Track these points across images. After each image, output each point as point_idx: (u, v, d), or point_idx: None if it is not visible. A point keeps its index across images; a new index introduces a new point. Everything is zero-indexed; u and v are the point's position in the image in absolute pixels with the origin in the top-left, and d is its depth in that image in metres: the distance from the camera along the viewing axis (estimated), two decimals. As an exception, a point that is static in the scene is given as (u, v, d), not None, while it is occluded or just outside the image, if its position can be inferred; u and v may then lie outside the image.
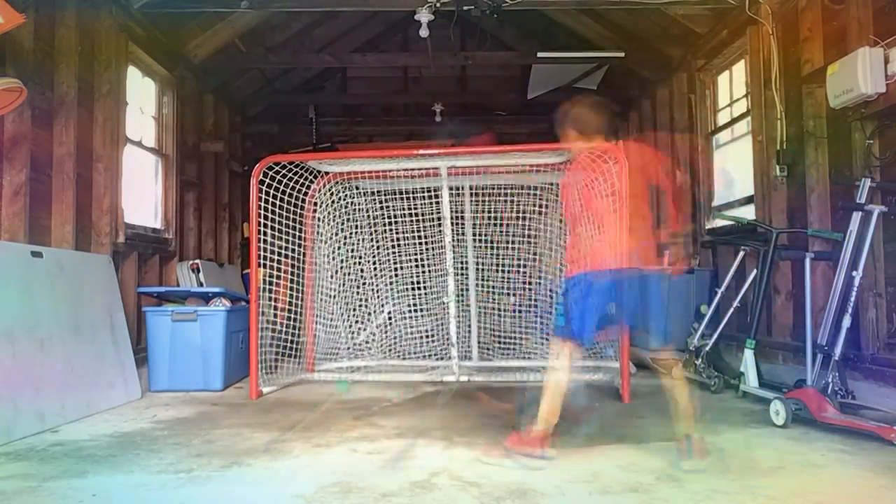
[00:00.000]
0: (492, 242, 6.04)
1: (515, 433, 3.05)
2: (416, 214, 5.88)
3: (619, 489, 2.56)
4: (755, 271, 4.59)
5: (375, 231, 6.23)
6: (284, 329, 5.37)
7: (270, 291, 5.34)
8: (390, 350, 6.04)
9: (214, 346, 4.93)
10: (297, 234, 5.49)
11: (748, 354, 4.29)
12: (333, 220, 5.90)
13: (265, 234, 5.07)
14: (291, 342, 5.41)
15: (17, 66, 3.97)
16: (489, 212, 5.96)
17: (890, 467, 2.83)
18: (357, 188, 6.04)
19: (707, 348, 4.93)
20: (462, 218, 5.98)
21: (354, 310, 6.09)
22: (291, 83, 9.06)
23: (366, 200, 6.16)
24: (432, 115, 9.15)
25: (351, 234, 6.08)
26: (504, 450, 2.98)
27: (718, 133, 6.31)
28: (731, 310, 4.83)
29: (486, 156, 5.39)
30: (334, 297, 5.89)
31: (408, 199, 5.89)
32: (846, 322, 3.64)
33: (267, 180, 5.00)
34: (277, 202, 5.14)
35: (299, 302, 5.55)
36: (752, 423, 3.67)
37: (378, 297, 6.24)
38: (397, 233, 6.07)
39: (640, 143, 3.35)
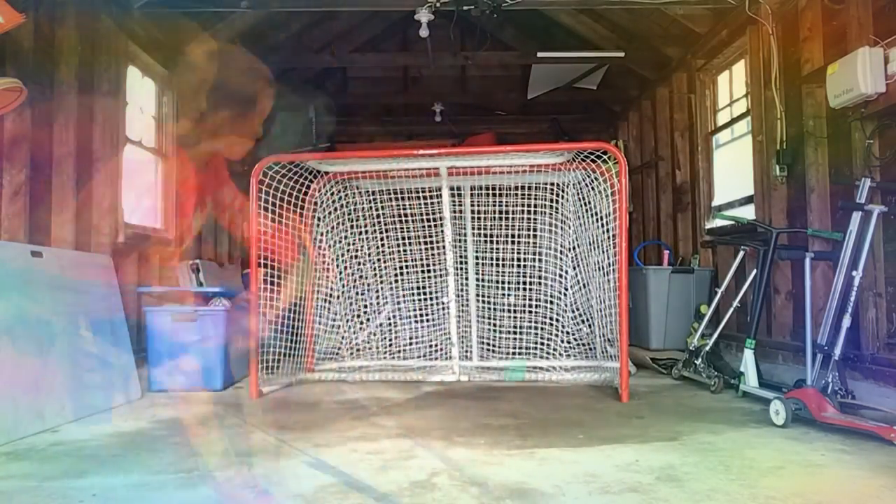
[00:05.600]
0: (492, 242, 6.05)
1: None
2: (417, 214, 5.88)
3: (619, 489, 2.56)
4: (755, 271, 4.59)
5: (375, 231, 6.23)
6: (284, 329, 5.37)
7: (270, 291, 5.34)
8: (390, 350, 6.05)
9: (214, 346, 4.93)
10: (297, 233, 5.49)
11: (748, 354, 4.29)
12: (333, 220, 5.90)
13: (265, 233, 5.08)
14: (291, 342, 5.41)
15: (17, 66, 3.96)
16: (489, 212, 5.96)
17: (890, 467, 2.83)
18: (357, 188, 6.04)
19: (707, 348, 4.94)
20: (462, 217, 5.98)
21: (355, 309, 6.09)
22: (291, 83, 9.05)
23: (366, 200, 6.16)
24: (432, 115, 9.14)
25: (351, 233, 6.08)
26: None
27: (718, 133, 6.31)
28: (731, 310, 4.84)
29: (485, 156, 5.40)
30: (334, 296, 5.89)
31: (408, 199, 5.89)
32: (846, 322, 3.64)
33: (266, 180, 5.00)
34: (277, 202, 5.14)
35: (299, 302, 5.55)
36: (752, 423, 3.67)
37: (378, 296, 6.24)
38: (398, 233, 6.08)
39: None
